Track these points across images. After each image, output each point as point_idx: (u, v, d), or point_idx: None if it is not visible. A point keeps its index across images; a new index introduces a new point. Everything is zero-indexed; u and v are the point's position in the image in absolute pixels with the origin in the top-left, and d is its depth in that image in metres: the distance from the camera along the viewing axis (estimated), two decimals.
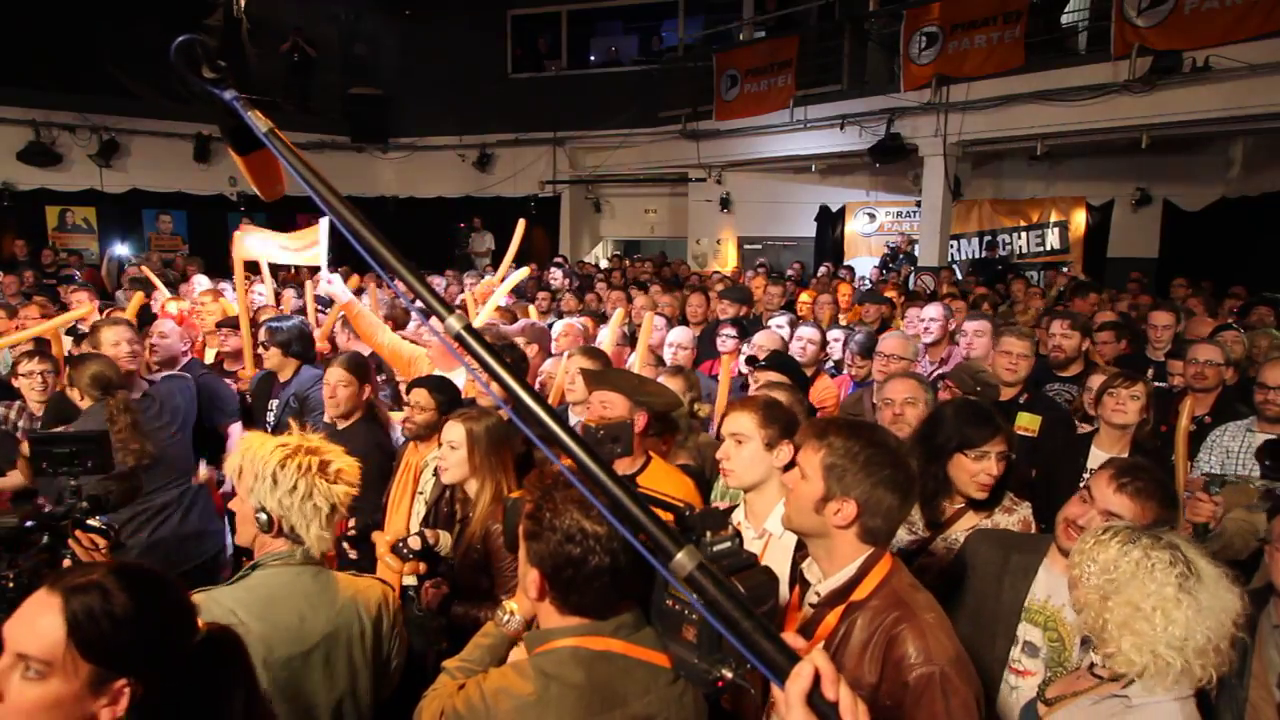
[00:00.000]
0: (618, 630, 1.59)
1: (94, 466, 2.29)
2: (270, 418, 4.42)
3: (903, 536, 2.67)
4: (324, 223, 5.43)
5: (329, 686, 1.99)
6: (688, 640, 1.29)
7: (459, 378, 3.92)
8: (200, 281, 7.59)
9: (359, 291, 6.72)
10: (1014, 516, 2.63)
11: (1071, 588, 1.85)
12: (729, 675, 1.13)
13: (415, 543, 2.80)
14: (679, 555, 0.95)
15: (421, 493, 3.34)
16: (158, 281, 7.50)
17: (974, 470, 2.53)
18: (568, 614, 1.60)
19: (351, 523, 3.16)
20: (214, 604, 1.93)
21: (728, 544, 1.28)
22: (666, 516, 1.35)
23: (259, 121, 1.15)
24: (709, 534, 1.28)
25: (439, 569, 2.89)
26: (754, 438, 2.43)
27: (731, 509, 2.27)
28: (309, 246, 5.65)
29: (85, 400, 3.62)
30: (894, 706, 1.61)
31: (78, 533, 1.95)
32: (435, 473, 3.31)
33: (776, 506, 2.37)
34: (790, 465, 2.41)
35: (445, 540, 3.02)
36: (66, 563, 1.89)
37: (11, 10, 11.85)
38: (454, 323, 1.04)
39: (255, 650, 1.88)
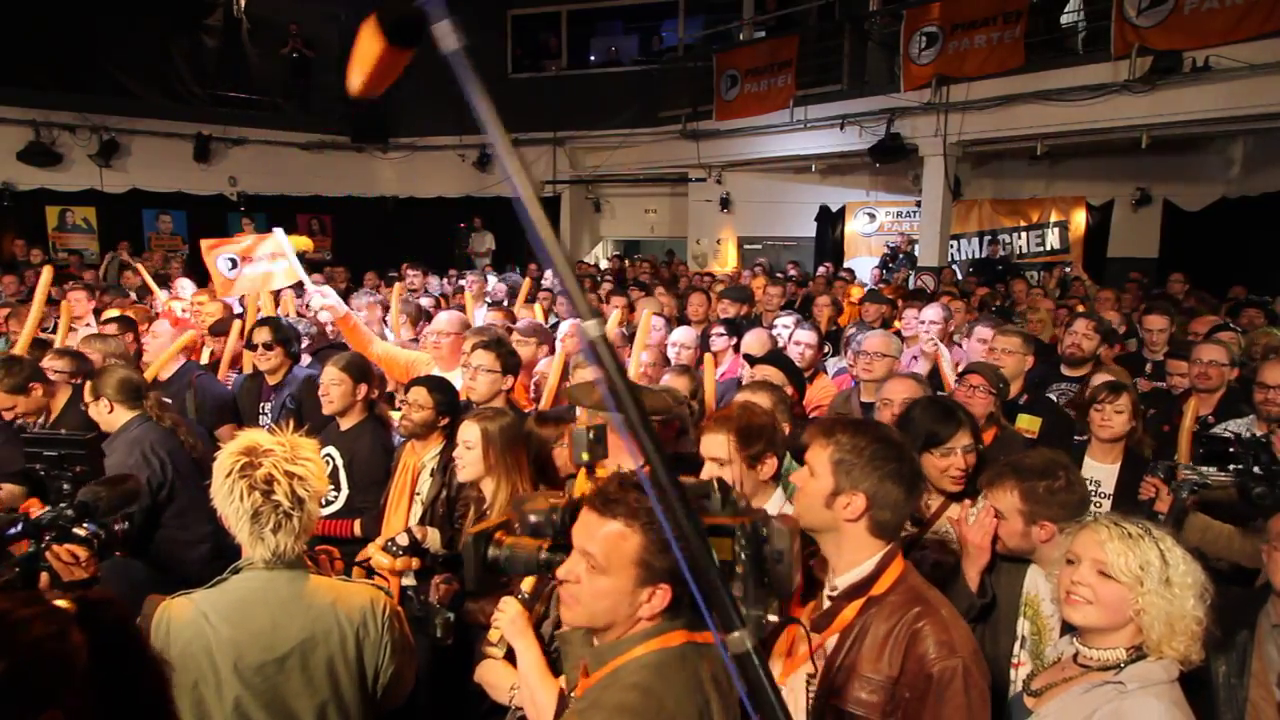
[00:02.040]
0: (689, 623, 1.52)
1: (83, 472, 2.22)
2: (265, 421, 4.40)
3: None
4: (279, 233, 5.31)
5: (310, 693, 1.95)
6: (734, 596, 1.35)
7: (456, 379, 3.93)
8: (184, 284, 7.57)
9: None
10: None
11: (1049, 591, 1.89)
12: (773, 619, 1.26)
13: (403, 539, 2.85)
14: (737, 634, 1.02)
15: (419, 494, 3.36)
16: (152, 283, 7.47)
17: (942, 466, 2.64)
18: (669, 619, 1.50)
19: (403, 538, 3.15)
20: (189, 605, 1.92)
21: (743, 501, 1.38)
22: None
23: (450, 36, 1.05)
24: (730, 494, 1.37)
25: (429, 564, 2.91)
26: (735, 460, 2.33)
27: None
28: (275, 257, 5.47)
29: (116, 411, 3.47)
30: (914, 699, 1.67)
31: (55, 546, 1.86)
32: (432, 473, 3.32)
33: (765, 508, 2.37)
34: (776, 475, 2.43)
35: (434, 537, 3.07)
36: (44, 578, 1.81)
37: (11, 10, 11.85)
38: (592, 328, 1.02)
39: (225, 655, 1.87)
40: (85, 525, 1.95)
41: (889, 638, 1.71)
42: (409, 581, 3.22)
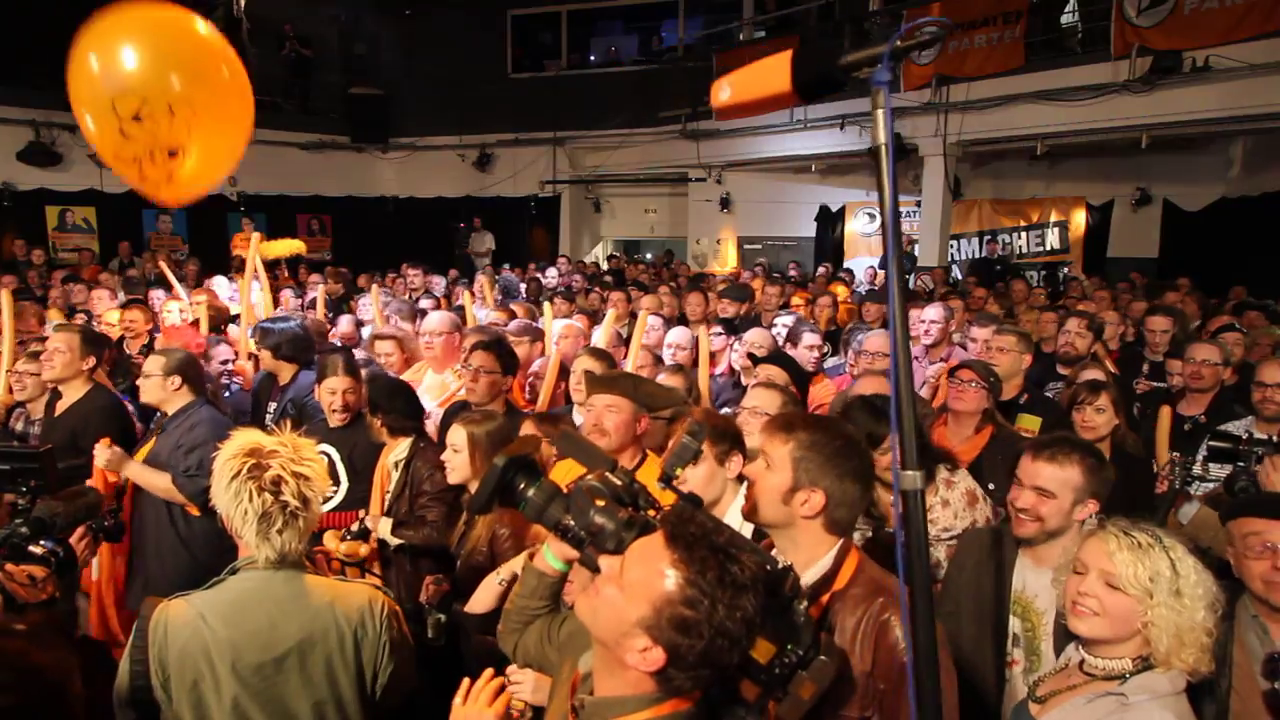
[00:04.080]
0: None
1: (37, 488, 2.15)
2: (269, 420, 4.40)
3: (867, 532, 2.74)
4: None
5: (308, 693, 1.95)
6: (743, 696, 1.34)
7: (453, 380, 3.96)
8: (218, 282, 7.56)
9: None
10: (957, 490, 2.75)
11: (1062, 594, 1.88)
12: None
13: (355, 526, 2.97)
14: None
15: (389, 491, 3.41)
16: (174, 280, 7.45)
17: (885, 464, 2.65)
18: (661, 687, 1.33)
19: (356, 525, 3.18)
20: (185, 606, 1.91)
21: (806, 611, 1.33)
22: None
23: (882, 128, 1.09)
24: (803, 603, 1.32)
25: (389, 554, 3.08)
26: (706, 456, 2.39)
27: None
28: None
29: (183, 391, 3.64)
30: (890, 690, 1.66)
31: (9, 566, 1.79)
32: (397, 467, 3.40)
33: (730, 508, 2.42)
34: (741, 475, 2.44)
35: (384, 525, 3.22)
36: None
37: (11, 10, 11.84)
38: (910, 480, 1.03)
39: (222, 656, 1.87)
40: (42, 543, 1.88)
41: (857, 632, 1.70)
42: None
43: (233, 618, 1.90)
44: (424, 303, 7.38)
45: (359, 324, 6.55)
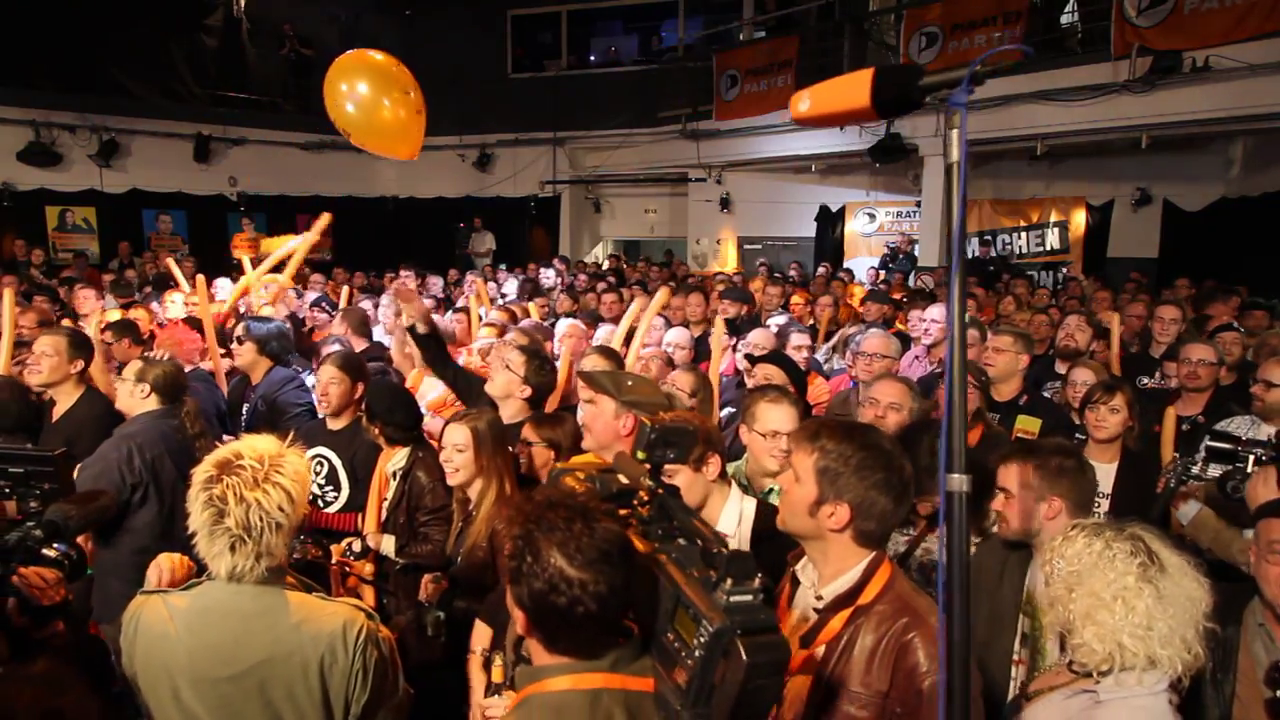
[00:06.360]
0: (615, 664, 1.46)
1: (51, 490, 2.13)
2: (243, 421, 4.34)
3: (896, 538, 2.67)
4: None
5: (269, 716, 1.85)
6: (676, 682, 1.26)
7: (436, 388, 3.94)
8: (222, 284, 7.56)
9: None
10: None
11: (1045, 585, 1.88)
12: None
13: (357, 545, 2.96)
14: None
15: (386, 500, 3.35)
16: (180, 276, 7.42)
17: None
18: (556, 654, 1.47)
19: (358, 544, 3.17)
20: (161, 606, 1.86)
21: (748, 597, 1.22)
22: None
23: (954, 147, 1.17)
24: (729, 582, 1.22)
25: (390, 569, 3.07)
26: (681, 470, 2.28)
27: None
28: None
29: (150, 399, 3.46)
30: (906, 714, 1.61)
31: (22, 570, 1.79)
32: (395, 478, 3.35)
33: (722, 511, 2.38)
34: (724, 472, 2.42)
35: (388, 543, 3.18)
36: (11, 603, 1.76)
37: (11, 10, 11.85)
38: (957, 483, 1.02)
39: (183, 664, 1.81)
40: (55, 546, 1.87)
41: (877, 650, 1.64)
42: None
43: (198, 627, 1.82)
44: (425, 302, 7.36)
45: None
